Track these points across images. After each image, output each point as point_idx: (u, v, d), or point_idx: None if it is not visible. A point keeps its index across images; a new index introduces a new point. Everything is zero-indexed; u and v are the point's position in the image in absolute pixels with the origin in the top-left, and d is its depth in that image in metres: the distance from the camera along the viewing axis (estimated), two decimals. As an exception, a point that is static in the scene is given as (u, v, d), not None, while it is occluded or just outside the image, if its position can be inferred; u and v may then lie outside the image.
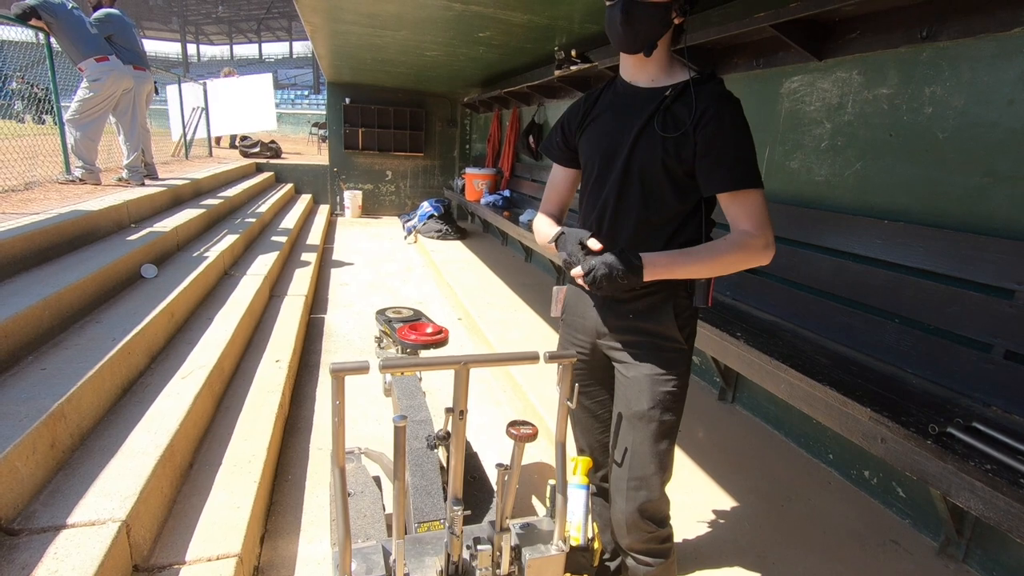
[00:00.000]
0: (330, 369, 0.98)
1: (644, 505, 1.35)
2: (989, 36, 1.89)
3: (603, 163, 1.33)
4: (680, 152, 1.22)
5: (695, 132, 1.20)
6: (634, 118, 1.28)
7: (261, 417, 2.42)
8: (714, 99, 1.20)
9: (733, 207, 1.23)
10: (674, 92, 1.24)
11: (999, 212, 1.88)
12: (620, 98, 1.34)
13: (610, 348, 1.39)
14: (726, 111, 1.20)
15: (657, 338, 1.33)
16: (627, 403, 1.35)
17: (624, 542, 1.41)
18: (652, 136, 1.25)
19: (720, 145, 1.20)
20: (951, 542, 1.92)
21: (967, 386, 1.85)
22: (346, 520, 1.06)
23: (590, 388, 1.49)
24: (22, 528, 1.43)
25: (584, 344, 1.45)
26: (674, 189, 1.26)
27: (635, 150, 1.26)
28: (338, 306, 4.76)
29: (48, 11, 4.09)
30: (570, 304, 1.49)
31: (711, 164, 1.21)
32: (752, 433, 2.74)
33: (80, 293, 2.47)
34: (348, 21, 4.58)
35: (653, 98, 1.27)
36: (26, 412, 1.62)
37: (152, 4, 38.84)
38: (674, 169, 1.24)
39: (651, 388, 1.32)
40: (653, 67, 1.29)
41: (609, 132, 1.33)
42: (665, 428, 1.33)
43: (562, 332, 1.54)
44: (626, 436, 1.36)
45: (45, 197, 3.75)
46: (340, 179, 9.47)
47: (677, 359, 1.34)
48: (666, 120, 1.23)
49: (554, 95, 5.66)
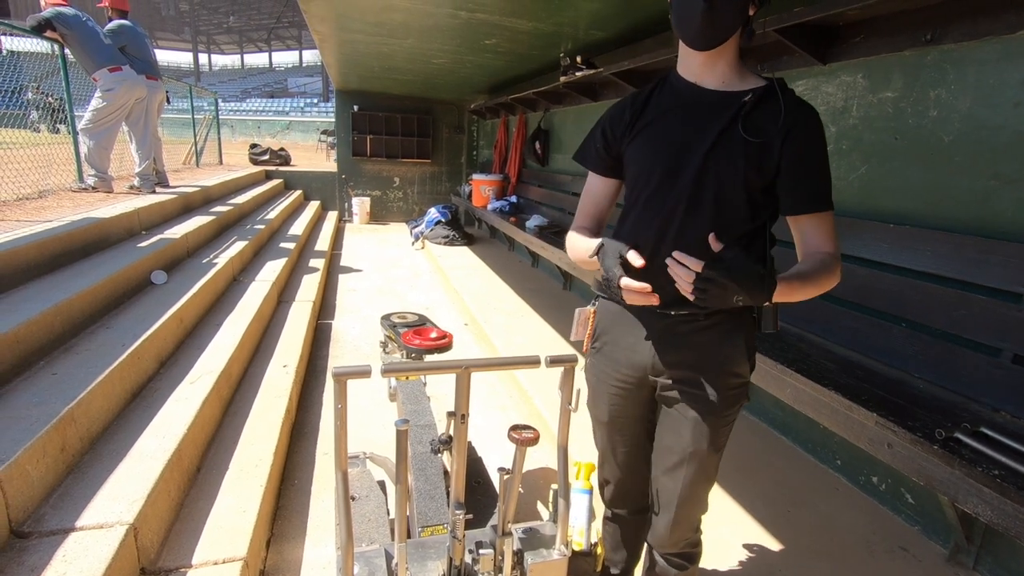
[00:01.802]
0: (332, 373, 0.99)
1: (692, 520, 1.32)
2: (994, 39, 1.89)
3: (665, 173, 1.16)
4: (762, 164, 1.10)
5: (783, 146, 1.08)
6: (708, 123, 1.13)
7: (268, 422, 2.44)
8: (802, 110, 1.10)
9: (813, 228, 1.13)
10: (754, 97, 1.11)
11: (1006, 215, 1.86)
12: (683, 100, 1.18)
13: (667, 387, 1.24)
14: (815, 124, 1.10)
15: (725, 375, 1.19)
16: (683, 442, 1.23)
17: (662, 548, 1.35)
18: (732, 145, 1.10)
19: (809, 161, 1.10)
20: (961, 549, 1.90)
21: (975, 391, 1.83)
22: (349, 524, 1.07)
23: (626, 427, 1.36)
24: (32, 531, 1.45)
25: (629, 379, 1.28)
26: (750, 205, 1.13)
27: (710, 161, 1.11)
28: (346, 312, 4.79)
29: (63, 23, 4.17)
30: (609, 331, 1.31)
31: (798, 181, 1.10)
32: (758, 438, 2.72)
33: (91, 299, 2.51)
34: (355, 30, 4.64)
35: (728, 102, 1.12)
36: (37, 416, 1.65)
37: (165, 15, 39.46)
38: (754, 183, 1.11)
39: (712, 429, 1.21)
40: (724, 66, 1.14)
41: (674, 139, 1.16)
42: (719, 459, 1.27)
43: (595, 362, 1.35)
44: (679, 472, 1.25)
45: (58, 205, 3.82)
46: (348, 186, 9.54)
47: (741, 394, 1.23)
48: (749, 128, 1.10)
49: (560, 101, 5.68)
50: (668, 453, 1.27)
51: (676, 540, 1.33)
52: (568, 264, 4.09)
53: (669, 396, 1.25)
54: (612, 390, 1.32)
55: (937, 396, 1.84)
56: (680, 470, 1.25)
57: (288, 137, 26.84)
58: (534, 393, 3.01)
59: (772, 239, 1.19)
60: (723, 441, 1.25)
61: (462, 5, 3.62)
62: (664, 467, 1.29)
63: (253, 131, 27.41)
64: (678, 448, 1.24)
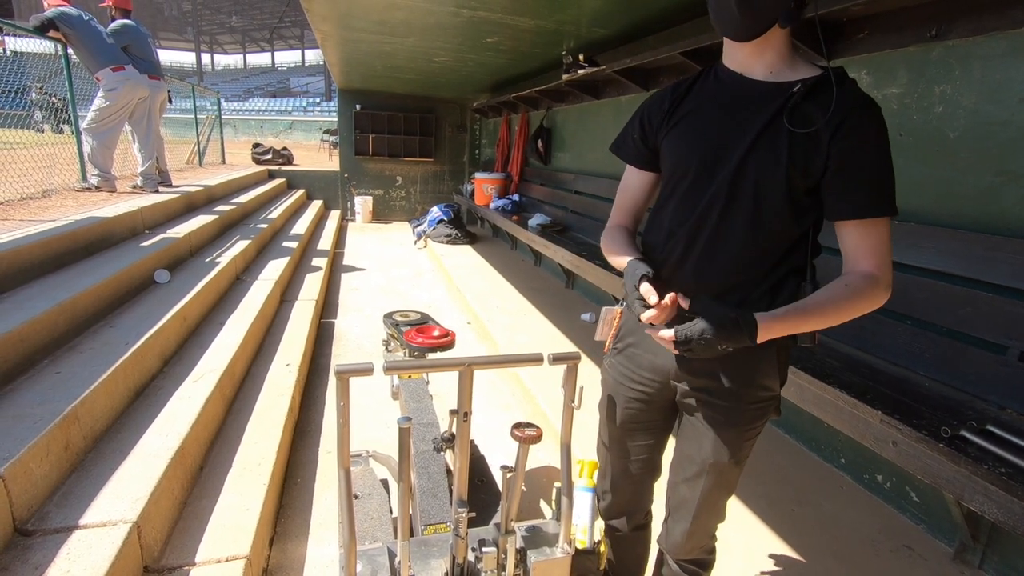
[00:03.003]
0: (335, 371, 0.99)
1: (709, 528, 1.28)
2: (1000, 34, 1.87)
3: (701, 169, 1.08)
4: (809, 164, 1.00)
5: (831, 142, 0.98)
6: (751, 116, 1.04)
7: (271, 420, 2.44)
8: (857, 104, 0.98)
9: (857, 237, 1.01)
10: (804, 88, 1.00)
11: (1012, 211, 1.85)
12: (727, 91, 1.09)
13: (689, 395, 1.17)
14: (872, 121, 0.98)
15: (753, 388, 1.12)
16: (704, 453, 1.17)
17: (677, 555, 1.30)
18: (777, 140, 1.01)
19: (861, 162, 0.98)
20: (967, 547, 1.89)
21: (981, 388, 1.82)
22: (351, 522, 1.07)
23: (639, 434, 1.30)
24: (36, 529, 1.45)
25: (650, 384, 1.22)
26: (792, 207, 1.03)
27: (751, 156, 1.03)
28: (348, 310, 4.80)
29: (66, 23, 4.18)
30: (634, 333, 1.24)
31: (846, 183, 0.99)
32: (763, 437, 2.68)
33: (95, 298, 2.51)
34: (358, 29, 4.63)
35: (776, 94, 1.03)
36: (41, 415, 1.65)
37: (168, 15, 39.57)
38: (797, 184, 1.01)
39: (735, 442, 1.15)
40: (772, 54, 1.05)
41: (712, 131, 1.08)
42: (741, 470, 1.21)
43: (615, 364, 1.29)
44: (698, 482, 1.20)
45: (62, 204, 3.83)
46: (351, 185, 9.55)
47: (768, 408, 1.16)
48: (795, 121, 1.00)
49: (562, 99, 5.67)
50: (688, 462, 1.22)
51: (692, 548, 1.28)
52: (571, 262, 4.08)
53: (690, 404, 1.19)
54: (631, 393, 1.26)
55: (943, 394, 1.83)
56: (699, 480, 1.19)
57: (291, 136, 26.89)
58: (537, 392, 3.00)
59: (817, 248, 1.10)
60: (745, 454, 1.18)
61: (464, 3, 3.61)
62: (683, 476, 1.24)
63: (256, 130, 27.48)
64: (698, 459, 1.18)
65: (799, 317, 1.00)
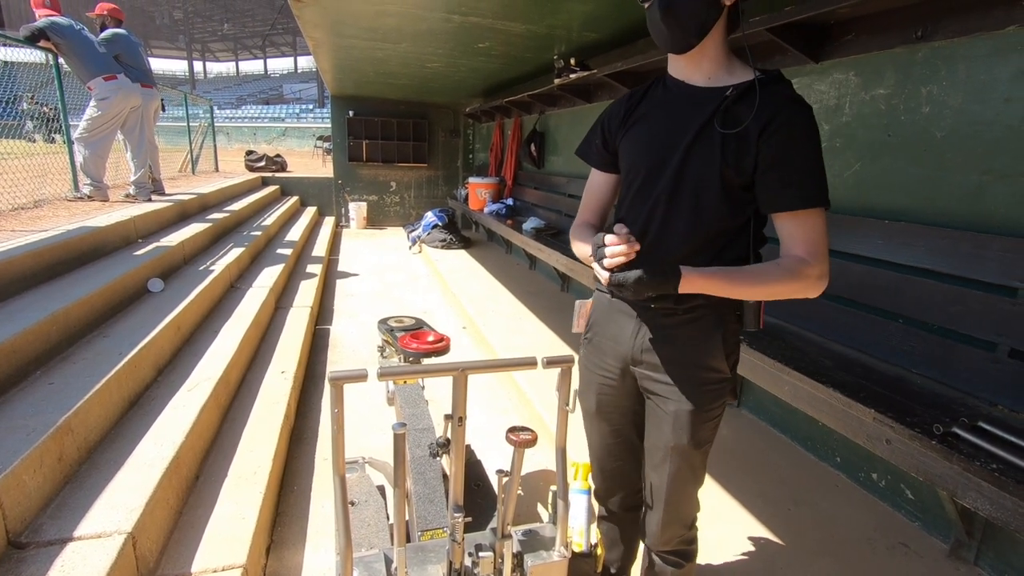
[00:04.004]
0: (329, 377, 0.99)
1: (683, 519, 1.33)
2: (984, 35, 1.90)
3: (650, 169, 1.18)
4: (740, 161, 1.08)
5: (759, 140, 1.06)
6: (690, 119, 1.13)
7: (267, 428, 2.44)
8: (785, 103, 1.06)
9: (790, 228, 1.09)
10: (736, 92, 1.09)
11: (999, 210, 1.87)
12: (672, 97, 1.19)
13: (646, 378, 1.26)
14: (799, 118, 1.06)
15: (702, 370, 1.20)
16: (665, 437, 1.24)
17: (656, 546, 1.36)
18: (711, 140, 1.10)
19: (789, 157, 1.06)
20: (962, 544, 1.90)
21: (972, 385, 1.83)
22: (347, 528, 1.07)
23: (612, 416, 1.37)
24: (29, 541, 1.44)
25: (612, 370, 1.31)
26: (728, 202, 1.12)
27: (690, 156, 1.12)
28: (344, 317, 4.79)
29: (57, 32, 4.18)
30: (598, 323, 1.34)
31: (776, 179, 1.07)
32: (758, 437, 2.72)
33: (88, 308, 2.50)
34: (349, 35, 4.65)
35: (712, 98, 1.12)
36: (34, 426, 1.65)
37: (159, 23, 39.50)
38: (731, 180, 1.10)
39: (692, 424, 1.21)
40: (709, 63, 1.14)
41: (658, 134, 1.18)
42: (703, 455, 1.27)
43: (586, 353, 1.39)
44: (664, 467, 1.26)
45: (54, 214, 3.81)
46: (345, 191, 9.55)
47: (722, 390, 1.23)
48: (726, 123, 1.09)
49: (554, 103, 5.69)
50: (654, 450, 1.29)
51: (668, 538, 1.33)
52: (566, 266, 4.10)
53: (648, 388, 1.27)
54: (599, 379, 1.35)
55: (935, 391, 1.85)
56: (664, 466, 1.26)
57: (284, 143, 26.85)
58: (533, 396, 3.01)
59: (762, 239, 1.18)
60: (705, 437, 1.24)
61: (455, 9, 3.63)
62: (651, 464, 1.31)
63: (249, 138, 27.43)
64: (660, 444, 1.26)
65: (724, 279, 1.08)
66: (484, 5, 3.50)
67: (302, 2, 3.63)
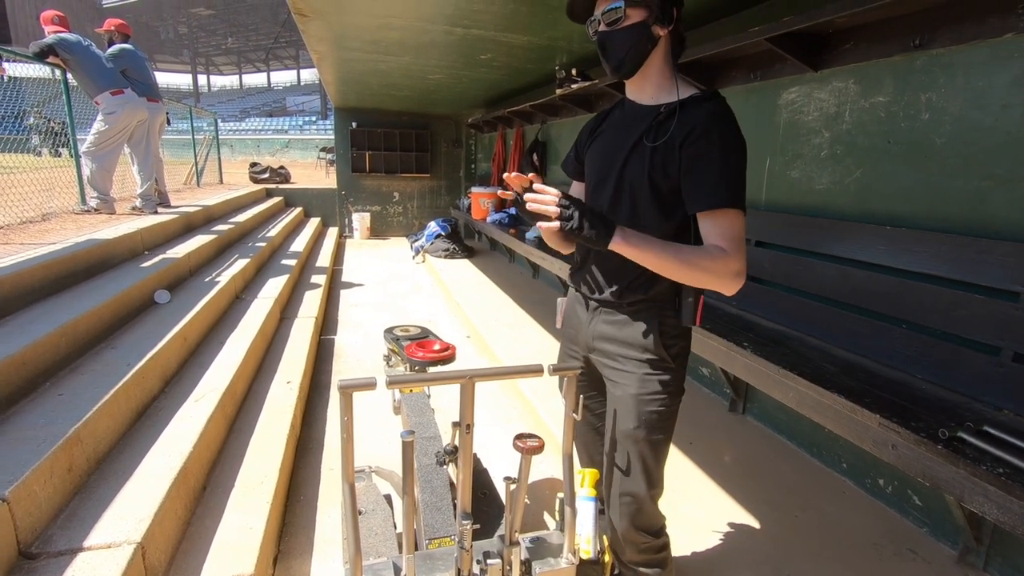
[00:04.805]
0: (338, 386, 1.01)
1: (636, 519, 1.36)
2: (981, 42, 1.92)
3: (599, 178, 1.35)
4: (667, 167, 1.21)
5: (681, 148, 1.19)
6: (630, 134, 1.30)
7: (273, 438, 2.44)
8: (705, 116, 1.19)
9: (708, 226, 1.20)
10: (667, 109, 1.24)
11: (1000, 215, 1.88)
12: (624, 115, 1.36)
13: (601, 364, 1.40)
14: (715, 128, 1.17)
15: (643, 355, 1.31)
16: (615, 421, 1.35)
17: (623, 556, 1.41)
18: (642, 150, 1.25)
19: (704, 163, 1.18)
20: (970, 550, 1.89)
21: (977, 390, 1.83)
22: (356, 536, 1.08)
23: (591, 400, 1.49)
24: (40, 551, 1.45)
25: (578, 356, 1.47)
26: (660, 205, 1.25)
27: (626, 165, 1.28)
28: (348, 326, 4.80)
29: (65, 48, 4.24)
30: (567, 315, 1.52)
31: (693, 182, 1.19)
32: (764, 443, 2.72)
33: (96, 320, 2.52)
34: (353, 48, 4.70)
35: (649, 115, 1.28)
36: (44, 437, 1.66)
37: (164, 38, 39.94)
38: (660, 184, 1.23)
39: (636, 408, 1.30)
40: (651, 86, 1.29)
41: (607, 148, 1.35)
42: (652, 447, 1.31)
43: (562, 343, 1.57)
44: (615, 453, 1.36)
45: (61, 227, 3.85)
46: (348, 202, 9.60)
47: (665, 378, 1.31)
48: (657, 136, 1.23)
49: (556, 113, 5.74)
50: (607, 440, 1.39)
51: (635, 541, 1.37)
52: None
53: (604, 374, 1.40)
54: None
55: (939, 396, 1.85)
56: (613, 454, 1.36)
57: (287, 155, 27.06)
58: (538, 404, 3.01)
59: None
60: (656, 423, 1.29)
61: (457, 22, 3.67)
62: (607, 456, 1.40)
63: (253, 150, 27.63)
64: (611, 430, 1.37)
65: (651, 245, 1.16)
66: (486, 18, 3.55)
67: (307, 17, 3.68)
